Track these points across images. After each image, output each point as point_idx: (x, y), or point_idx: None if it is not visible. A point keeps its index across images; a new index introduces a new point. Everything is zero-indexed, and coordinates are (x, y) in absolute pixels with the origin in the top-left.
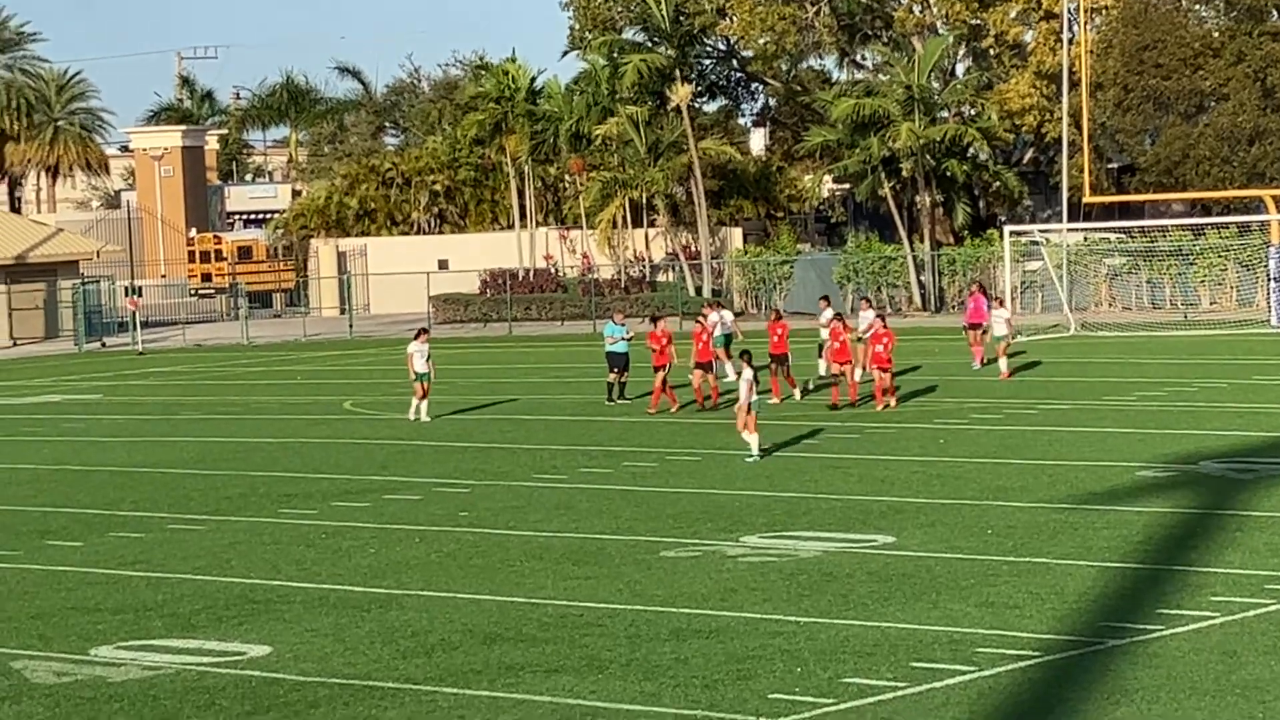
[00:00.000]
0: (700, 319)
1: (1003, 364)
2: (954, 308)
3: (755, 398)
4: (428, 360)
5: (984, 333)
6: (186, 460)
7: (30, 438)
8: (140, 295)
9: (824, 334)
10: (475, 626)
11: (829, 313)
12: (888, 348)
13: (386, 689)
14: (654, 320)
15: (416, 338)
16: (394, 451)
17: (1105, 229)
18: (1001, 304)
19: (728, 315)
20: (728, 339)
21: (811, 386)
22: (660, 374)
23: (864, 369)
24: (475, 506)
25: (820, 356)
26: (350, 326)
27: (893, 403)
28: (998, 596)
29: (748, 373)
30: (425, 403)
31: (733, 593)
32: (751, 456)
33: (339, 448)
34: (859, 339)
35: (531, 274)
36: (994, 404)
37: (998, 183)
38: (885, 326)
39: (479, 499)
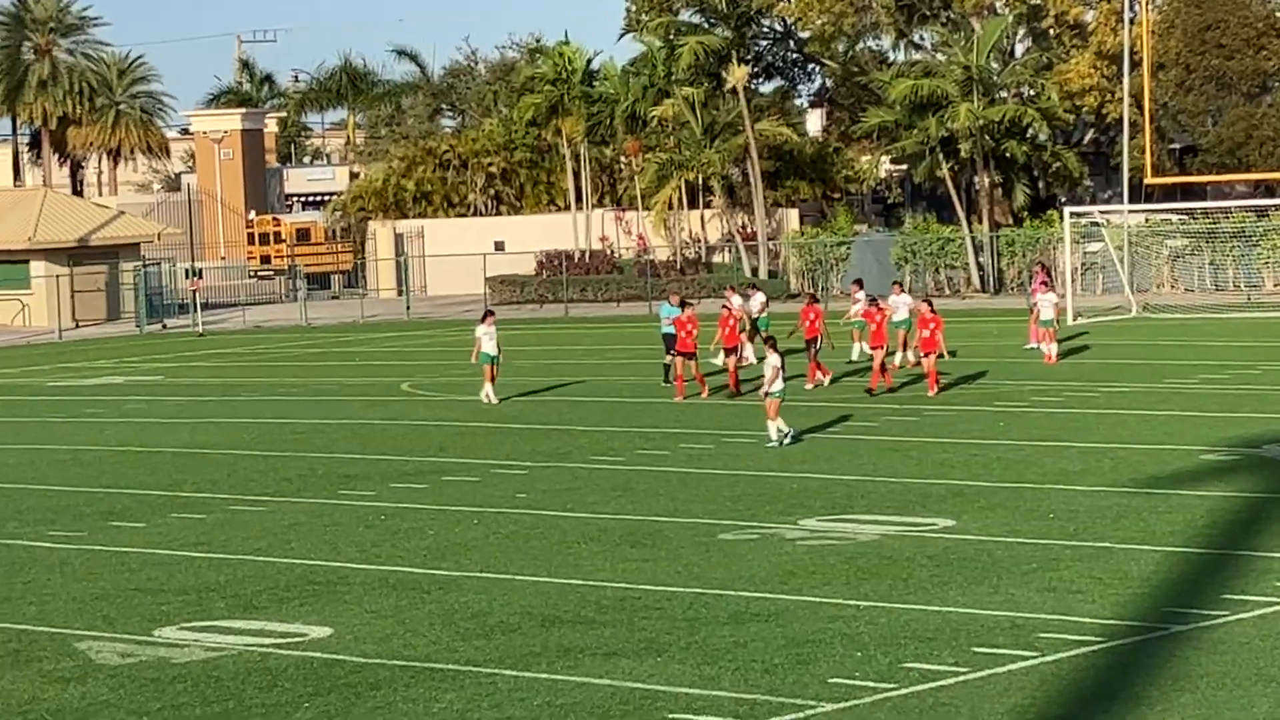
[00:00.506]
0: (726, 305)
1: (1048, 348)
2: (1013, 289)
3: (780, 385)
4: (495, 342)
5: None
6: (247, 442)
7: (93, 419)
8: (201, 277)
9: (854, 315)
10: (534, 609)
11: (862, 296)
12: (935, 333)
13: (446, 671)
14: (682, 305)
15: (484, 320)
16: (452, 433)
17: (1167, 210)
18: (1050, 288)
19: (761, 297)
20: (753, 322)
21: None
22: (690, 361)
23: (911, 353)
24: (533, 488)
25: (854, 340)
26: (407, 308)
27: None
28: (1060, 581)
29: (774, 358)
30: (490, 385)
31: (792, 576)
32: (771, 443)
33: (397, 429)
34: (899, 324)
35: (587, 255)
36: (1055, 386)
37: (1058, 163)
38: (933, 312)
39: (536, 481)
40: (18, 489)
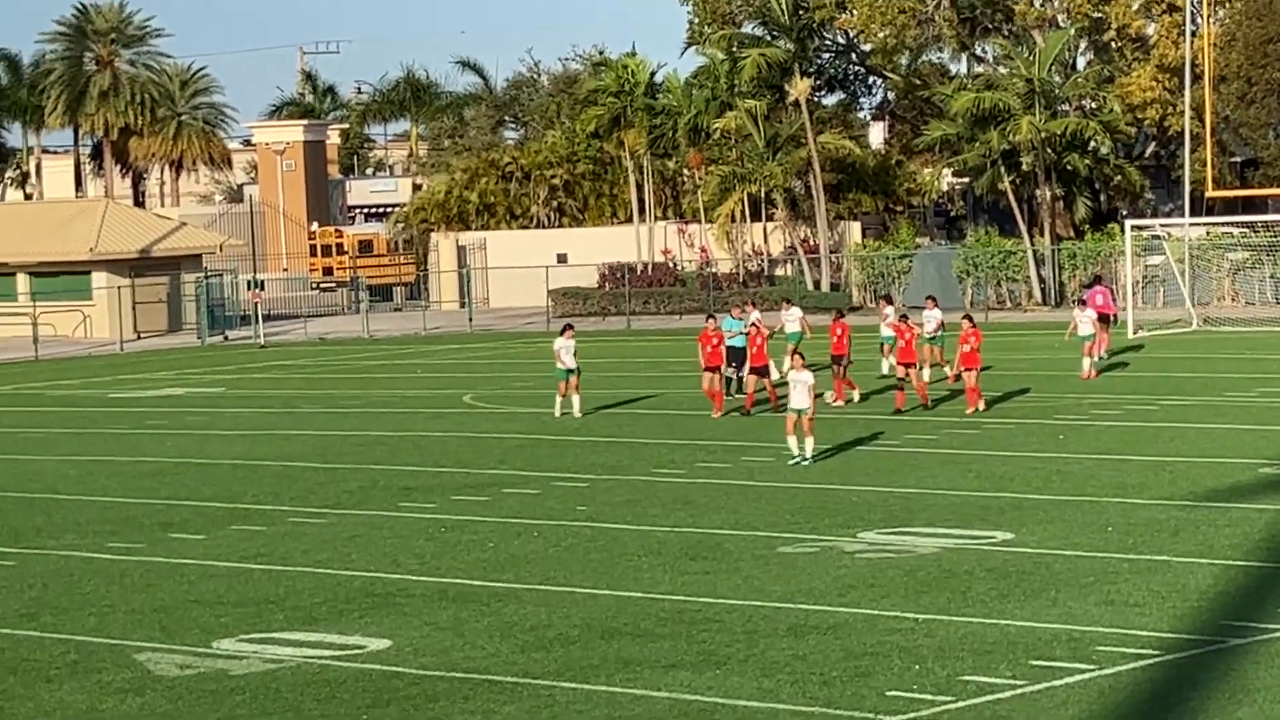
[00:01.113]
0: (757, 323)
1: (1086, 364)
2: (1074, 302)
3: (806, 403)
4: (574, 355)
5: (1107, 325)
6: (307, 453)
7: (154, 431)
8: (262, 289)
9: (885, 332)
10: (593, 621)
11: (891, 311)
12: (975, 348)
13: (505, 683)
14: (709, 318)
15: (563, 333)
16: (512, 445)
17: (1228, 223)
18: (1085, 305)
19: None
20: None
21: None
22: (712, 375)
23: (952, 369)
24: (593, 501)
25: (881, 354)
26: (470, 320)
27: (981, 406)
28: (1118, 594)
29: (806, 375)
30: (578, 397)
31: (850, 589)
32: (794, 459)
33: (458, 441)
34: (930, 339)
35: (650, 268)
36: (1114, 400)
37: (1119, 176)
38: (973, 326)
39: (597, 493)
40: (78, 500)
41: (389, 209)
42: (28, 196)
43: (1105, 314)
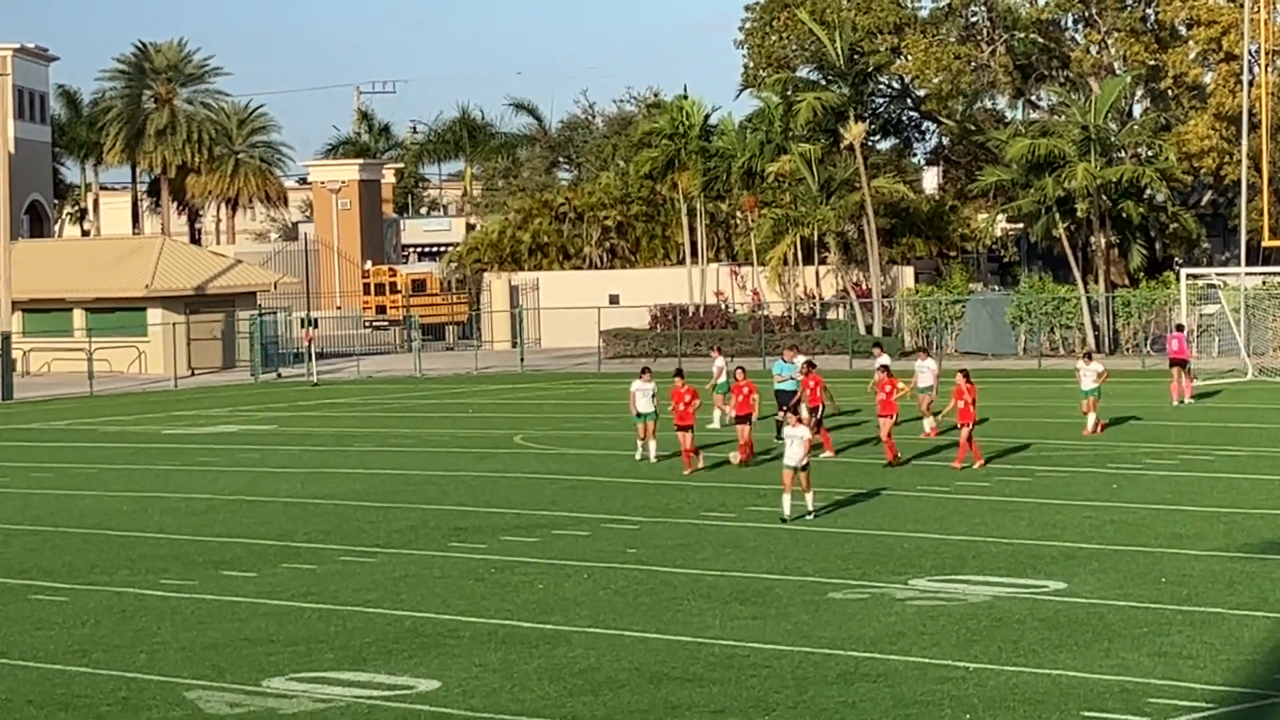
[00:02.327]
0: (740, 371)
1: (1091, 419)
2: (1127, 350)
3: (803, 460)
4: (653, 399)
5: (1186, 370)
6: (359, 492)
7: (206, 467)
8: (316, 326)
9: (923, 381)
10: (642, 665)
11: (886, 359)
12: (969, 403)
13: None
14: (678, 375)
15: (640, 376)
16: (563, 487)
17: None
18: (1091, 358)
19: (721, 361)
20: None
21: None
22: (686, 434)
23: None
24: (643, 543)
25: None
26: (521, 360)
27: (978, 464)
28: (1171, 646)
29: (802, 431)
30: (654, 443)
31: (901, 636)
32: (786, 517)
33: (509, 482)
34: (921, 390)
35: (702, 310)
36: (1169, 449)
37: (1175, 224)
38: (968, 381)
39: (646, 536)
40: (130, 536)
41: (442, 248)
42: (85, 233)
43: (1181, 359)
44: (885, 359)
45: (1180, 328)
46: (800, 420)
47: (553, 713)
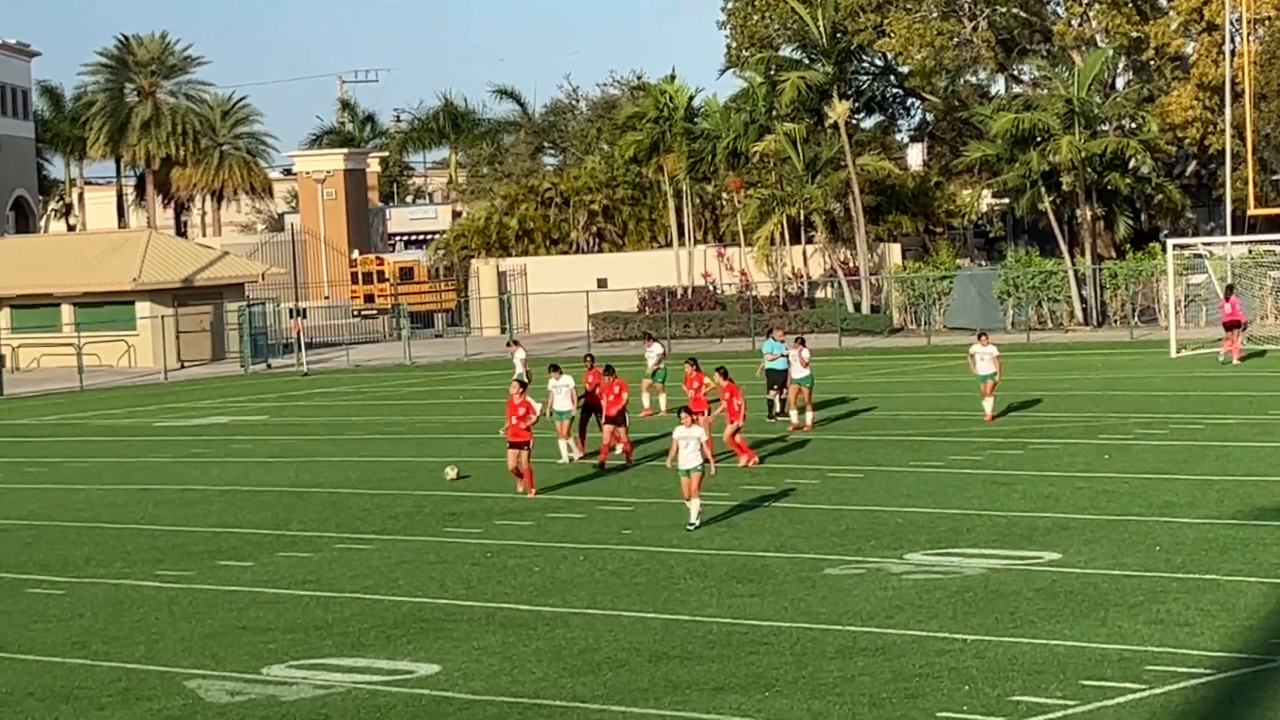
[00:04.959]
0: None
1: (988, 404)
2: (1115, 322)
3: (695, 462)
4: (570, 396)
5: (1241, 330)
6: (353, 480)
7: (199, 459)
8: (304, 317)
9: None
10: (641, 644)
11: (656, 349)
12: (698, 392)
13: (555, 707)
14: (608, 371)
15: (552, 374)
16: (556, 470)
17: (1270, 241)
18: (988, 340)
19: (657, 348)
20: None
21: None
22: (613, 427)
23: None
24: (638, 524)
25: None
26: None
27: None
28: (1167, 614)
29: (697, 430)
30: (574, 440)
31: (898, 610)
32: (691, 525)
33: (502, 466)
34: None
35: (690, 292)
36: (1159, 419)
37: (1160, 196)
38: (696, 370)
39: (641, 516)
40: (125, 529)
41: (429, 236)
42: (70, 228)
43: (1235, 321)
44: (658, 348)
45: (1231, 290)
46: (695, 420)
47: (553, 693)
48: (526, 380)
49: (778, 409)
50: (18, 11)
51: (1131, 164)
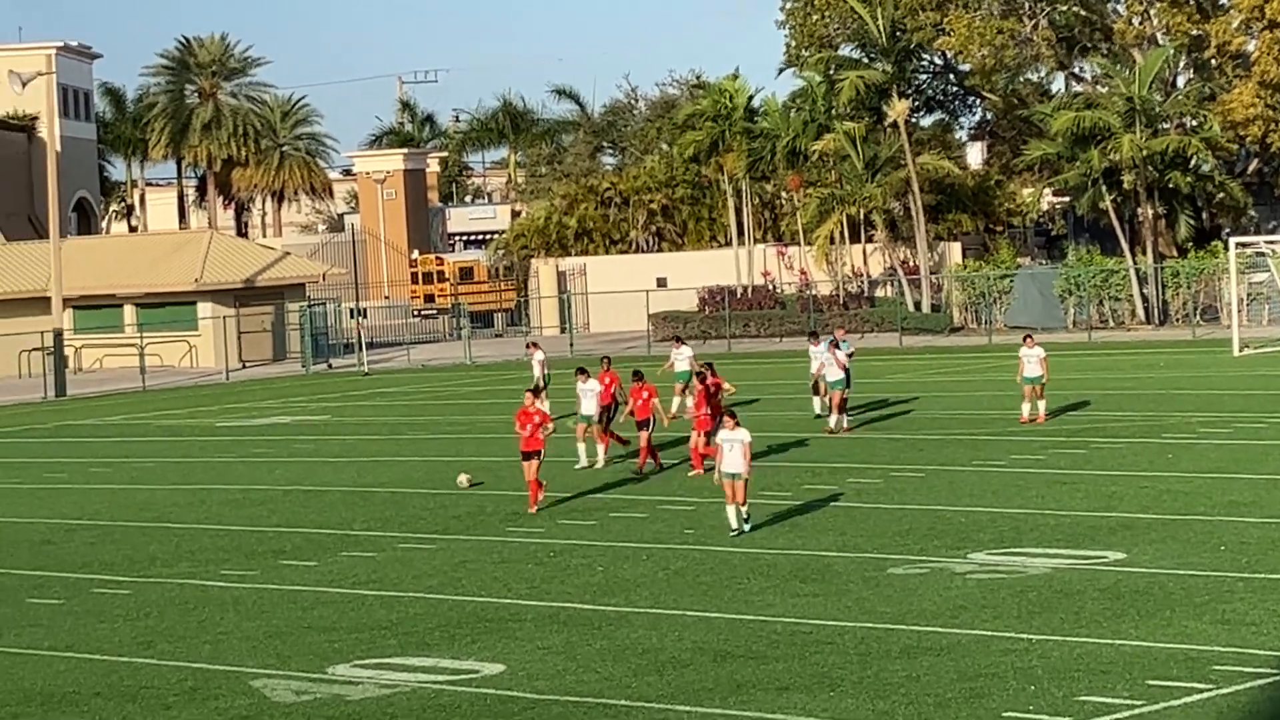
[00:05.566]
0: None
1: (1029, 407)
2: (1177, 321)
3: (739, 467)
4: (595, 399)
5: None
6: (415, 480)
7: (261, 459)
8: (365, 317)
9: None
10: (705, 644)
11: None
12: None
13: (619, 707)
14: (636, 376)
15: (579, 376)
16: (618, 469)
17: None
18: (1034, 342)
19: (687, 350)
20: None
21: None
22: (645, 432)
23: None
24: (701, 524)
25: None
26: (570, 345)
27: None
28: (1233, 613)
29: (741, 433)
30: (596, 444)
31: (962, 610)
32: (734, 530)
33: (563, 466)
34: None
35: (749, 291)
36: (1222, 418)
37: (1222, 194)
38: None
39: (704, 516)
40: (190, 529)
41: (489, 236)
42: (132, 229)
43: None
44: (688, 350)
45: None
46: (738, 423)
47: (617, 693)
48: (544, 384)
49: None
50: (80, 14)
51: (1193, 162)
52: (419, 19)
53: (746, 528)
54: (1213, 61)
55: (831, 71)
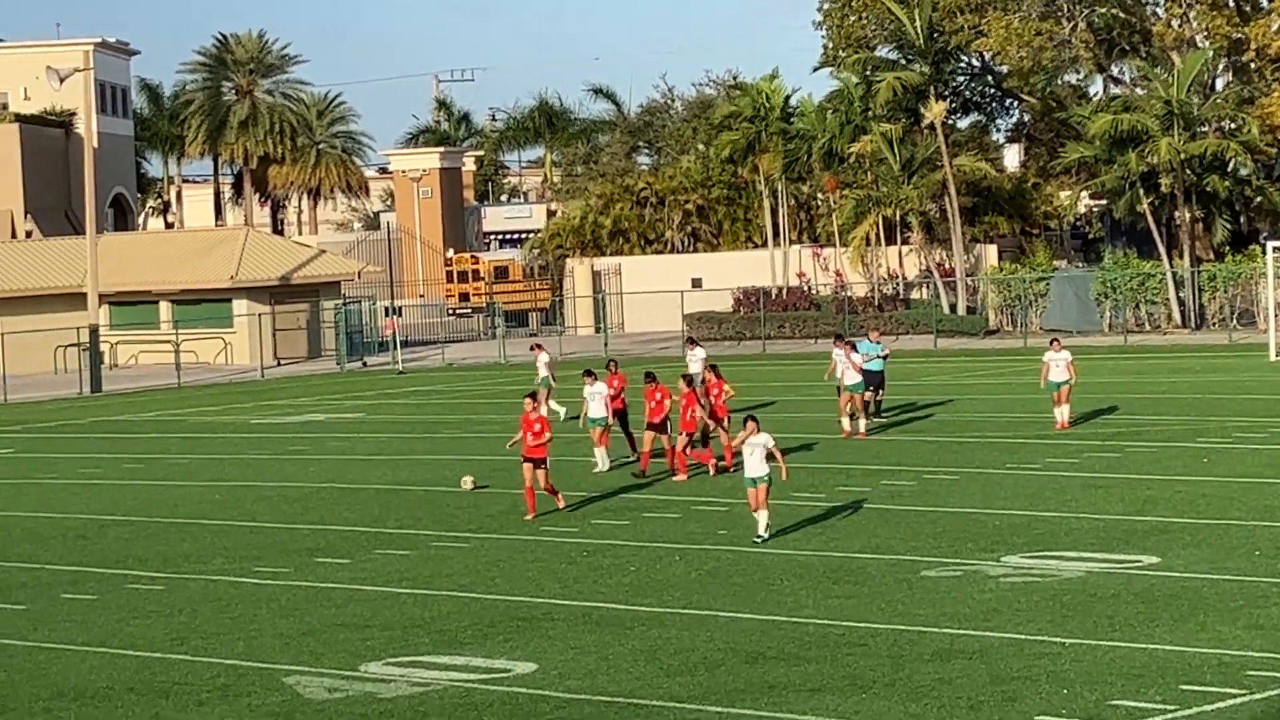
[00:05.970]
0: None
1: (1060, 413)
2: (1214, 325)
3: (762, 470)
4: (604, 403)
5: None
6: (448, 478)
7: (296, 456)
8: (400, 315)
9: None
10: (737, 645)
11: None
12: (718, 399)
13: (651, 707)
14: (649, 378)
15: (586, 379)
16: (652, 470)
17: None
18: (1060, 345)
19: (700, 352)
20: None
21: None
22: (664, 435)
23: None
24: (734, 525)
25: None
26: (605, 345)
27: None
28: (1268, 619)
29: (764, 437)
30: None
31: (995, 613)
32: (759, 538)
33: (584, 467)
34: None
35: (785, 292)
36: (1259, 423)
37: (1260, 198)
38: (718, 376)
39: (737, 517)
40: (224, 525)
41: (523, 235)
42: (169, 225)
43: None
44: (701, 352)
45: None
46: (759, 427)
47: (649, 693)
48: (550, 385)
49: (873, 410)
50: (117, 10)
51: (1231, 166)
52: (456, 18)
53: (765, 535)
54: (1252, 65)
55: (869, 72)
